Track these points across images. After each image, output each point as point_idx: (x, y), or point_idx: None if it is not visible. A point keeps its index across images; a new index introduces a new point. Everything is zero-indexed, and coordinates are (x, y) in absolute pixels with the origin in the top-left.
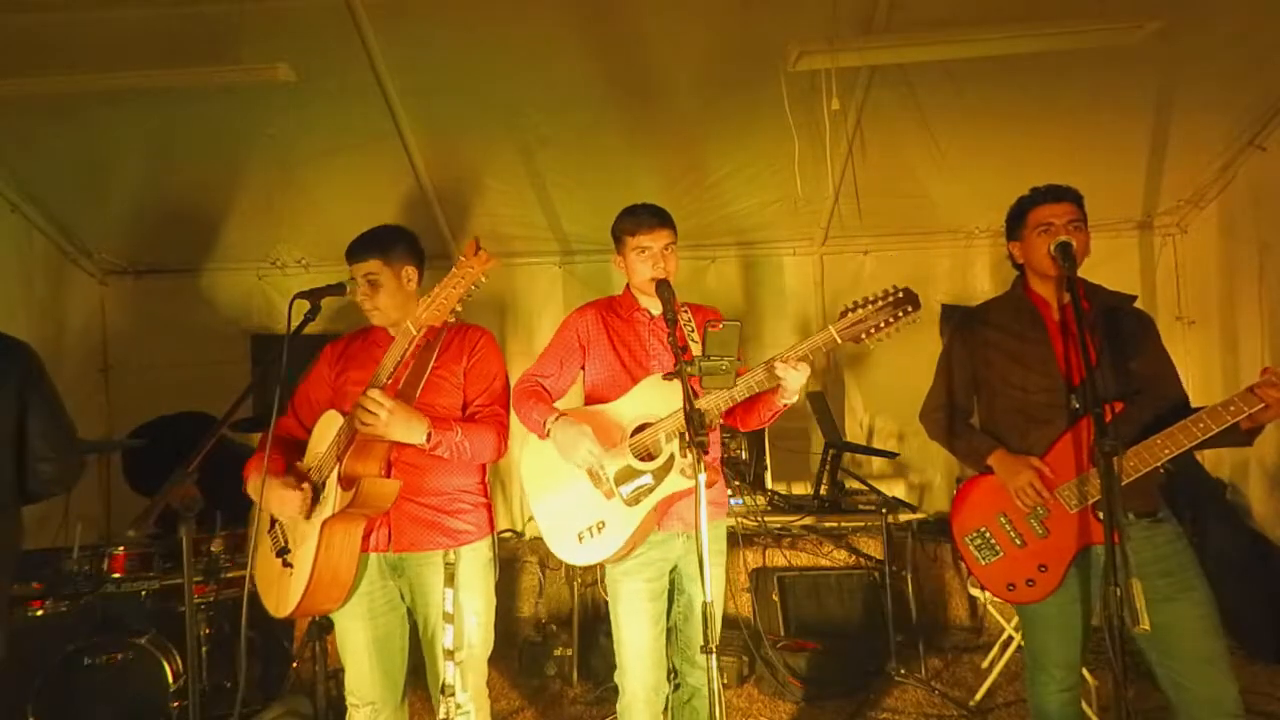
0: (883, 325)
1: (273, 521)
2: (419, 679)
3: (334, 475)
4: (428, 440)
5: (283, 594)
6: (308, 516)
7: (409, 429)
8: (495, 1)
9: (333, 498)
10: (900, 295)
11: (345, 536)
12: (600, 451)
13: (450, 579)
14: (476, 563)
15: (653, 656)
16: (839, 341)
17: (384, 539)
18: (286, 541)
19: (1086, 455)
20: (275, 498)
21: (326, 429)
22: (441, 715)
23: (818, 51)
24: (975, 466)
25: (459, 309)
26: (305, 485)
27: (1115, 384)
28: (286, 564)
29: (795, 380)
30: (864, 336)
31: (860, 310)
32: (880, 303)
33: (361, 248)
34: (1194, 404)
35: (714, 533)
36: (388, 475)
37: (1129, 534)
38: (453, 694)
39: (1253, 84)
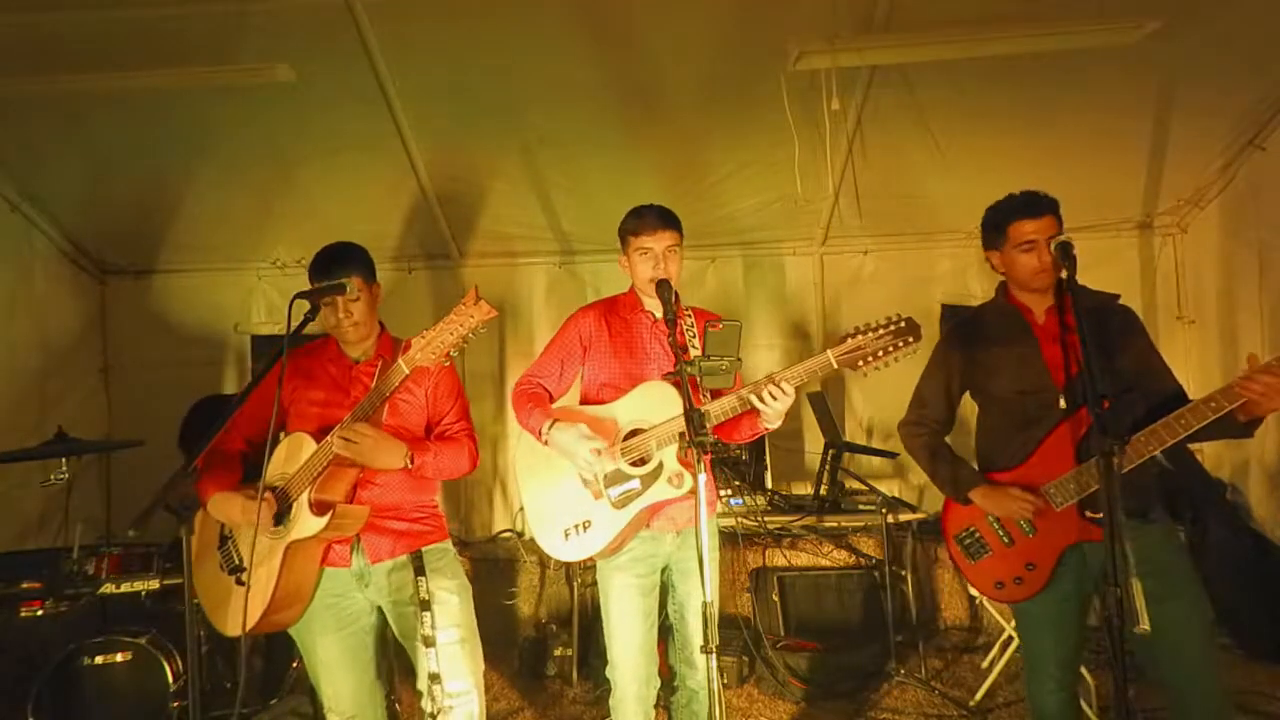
0: (881, 354)
1: (223, 539)
2: (412, 678)
3: (304, 498)
4: (411, 463)
5: (238, 612)
6: (271, 534)
7: (390, 455)
8: (495, 1)
9: (303, 521)
10: (903, 325)
11: (307, 556)
12: (598, 461)
13: (420, 569)
14: (444, 555)
15: (644, 652)
16: (835, 367)
17: (355, 555)
18: (241, 560)
19: (1073, 453)
20: (239, 509)
21: (295, 450)
22: (430, 707)
23: (818, 51)
24: (953, 496)
25: (454, 354)
26: (269, 494)
27: (1103, 383)
28: (240, 582)
29: (778, 406)
30: (860, 364)
31: (860, 337)
32: (881, 331)
33: (344, 263)
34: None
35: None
36: (353, 498)
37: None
38: (439, 682)
39: (1253, 84)
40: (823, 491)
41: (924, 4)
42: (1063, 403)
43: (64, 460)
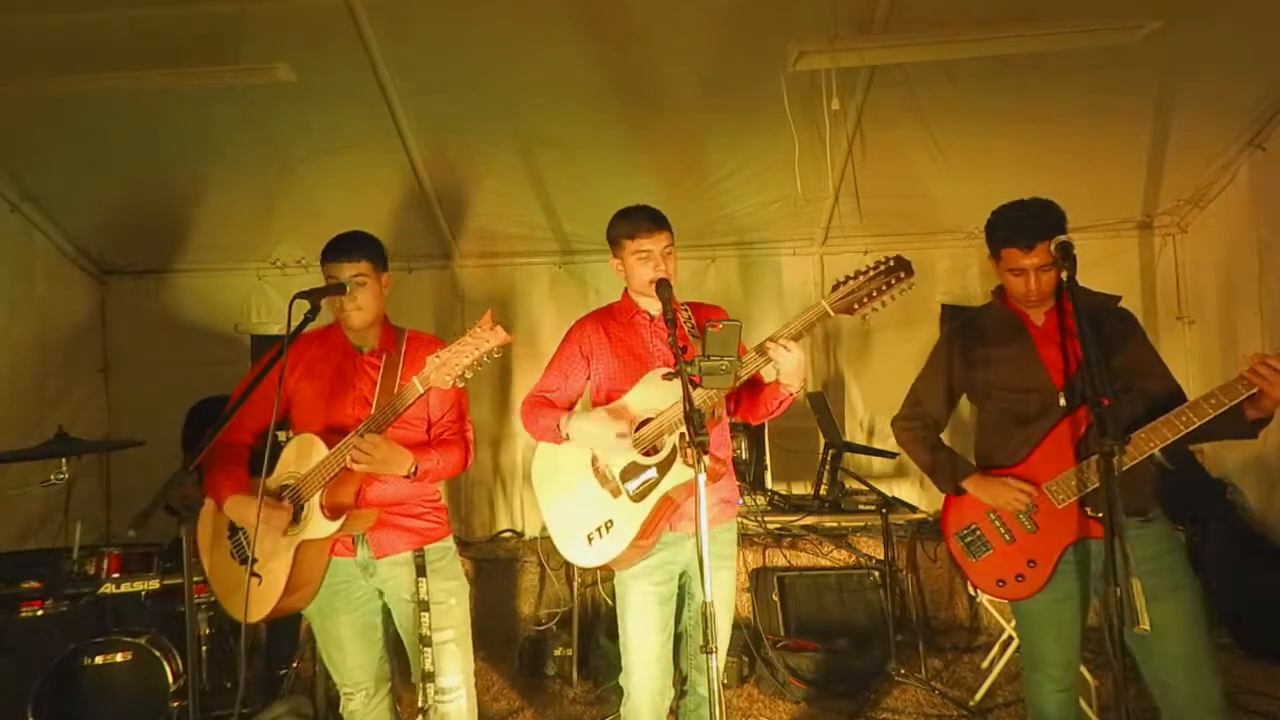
0: (876, 294)
1: (233, 529)
2: (408, 673)
3: (316, 501)
4: (414, 472)
5: (251, 602)
6: (284, 534)
7: (398, 465)
8: (495, 1)
9: (315, 523)
10: (892, 263)
11: (317, 550)
12: (626, 446)
13: (422, 569)
14: (445, 554)
15: (660, 662)
16: (831, 314)
17: (360, 547)
18: (252, 551)
19: (1073, 451)
20: (255, 514)
21: (305, 451)
22: (422, 703)
23: (818, 51)
24: (945, 486)
25: (469, 376)
26: (287, 504)
27: (1103, 382)
28: (254, 573)
29: (789, 361)
30: (857, 307)
31: (852, 281)
32: (872, 272)
33: (353, 249)
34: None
35: (725, 535)
36: (360, 495)
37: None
38: (433, 680)
39: (1253, 84)
40: (823, 491)
41: (924, 4)
42: (1062, 401)
43: (64, 460)
